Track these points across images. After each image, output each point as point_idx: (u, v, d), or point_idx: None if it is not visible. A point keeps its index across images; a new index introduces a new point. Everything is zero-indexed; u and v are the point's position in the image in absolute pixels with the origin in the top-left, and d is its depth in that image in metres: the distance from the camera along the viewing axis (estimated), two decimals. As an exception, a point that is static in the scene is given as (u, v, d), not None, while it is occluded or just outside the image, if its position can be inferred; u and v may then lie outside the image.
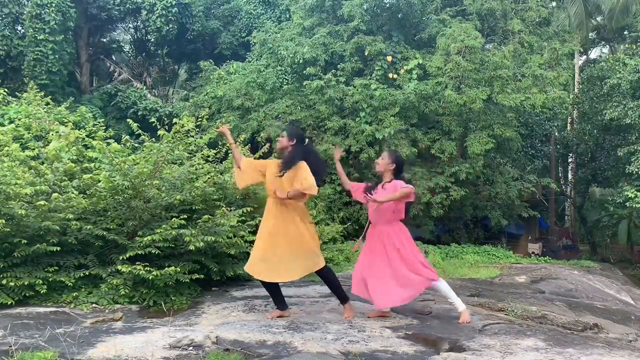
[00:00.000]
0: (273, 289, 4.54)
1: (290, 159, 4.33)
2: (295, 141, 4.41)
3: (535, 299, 6.45)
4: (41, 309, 4.55)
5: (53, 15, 16.37)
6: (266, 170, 4.50)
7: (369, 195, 4.49)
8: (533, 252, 16.58)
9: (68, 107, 10.29)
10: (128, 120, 7.58)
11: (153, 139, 6.60)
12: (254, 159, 7.00)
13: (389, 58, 13.62)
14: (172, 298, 5.01)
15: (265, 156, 7.55)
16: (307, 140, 4.51)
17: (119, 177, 5.29)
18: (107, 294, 4.87)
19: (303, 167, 4.22)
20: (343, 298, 4.61)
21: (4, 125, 7.77)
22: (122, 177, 5.28)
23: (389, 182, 4.58)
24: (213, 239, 5.11)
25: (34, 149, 6.70)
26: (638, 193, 13.63)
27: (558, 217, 24.42)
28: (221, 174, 6.66)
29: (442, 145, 12.72)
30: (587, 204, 22.37)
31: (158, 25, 18.71)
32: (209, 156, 7.06)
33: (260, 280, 4.49)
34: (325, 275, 4.55)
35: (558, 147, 21.13)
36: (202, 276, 5.20)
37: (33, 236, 4.86)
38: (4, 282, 4.53)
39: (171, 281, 4.94)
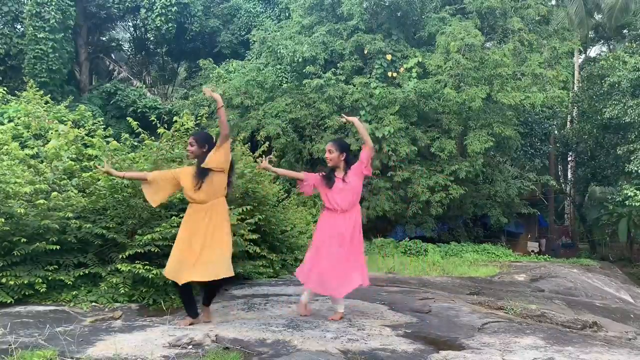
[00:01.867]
0: (188, 293, 4.27)
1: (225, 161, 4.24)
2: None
3: (535, 297, 6.45)
4: (41, 308, 4.55)
5: (53, 13, 16.36)
6: (183, 179, 4.20)
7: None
8: (532, 251, 16.60)
9: (67, 106, 10.31)
10: (128, 118, 7.57)
11: (152, 138, 6.59)
12: (254, 157, 7.01)
13: (389, 56, 13.62)
14: (172, 297, 5.00)
15: (264, 154, 7.51)
16: None
17: (119, 176, 5.27)
18: (107, 293, 4.87)
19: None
20: (210, 302, 4.42)
21: (3, 124, 7.77)
22: (122, 176, 5.27)
23: (345, 174, 4.43)
24: (213, 237, 5.10)
25: (33, 148, 6.70)
26: (637, 191, 13.63)
27: (557, 216, 24.44)
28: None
29: (441, 143, 12.73)
30: (586, 202, 22.40)
31: (157, 24, 18.69)
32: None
33: (178, 286, 4.18)
34: (219, 284, 4.30)
35: (557, 145, 21.12)
36: (201, 274, 5.19)
37: (32, 235, 4.85)
38: (3, 280, 4.53)
39: (171, 280, 4.93)
